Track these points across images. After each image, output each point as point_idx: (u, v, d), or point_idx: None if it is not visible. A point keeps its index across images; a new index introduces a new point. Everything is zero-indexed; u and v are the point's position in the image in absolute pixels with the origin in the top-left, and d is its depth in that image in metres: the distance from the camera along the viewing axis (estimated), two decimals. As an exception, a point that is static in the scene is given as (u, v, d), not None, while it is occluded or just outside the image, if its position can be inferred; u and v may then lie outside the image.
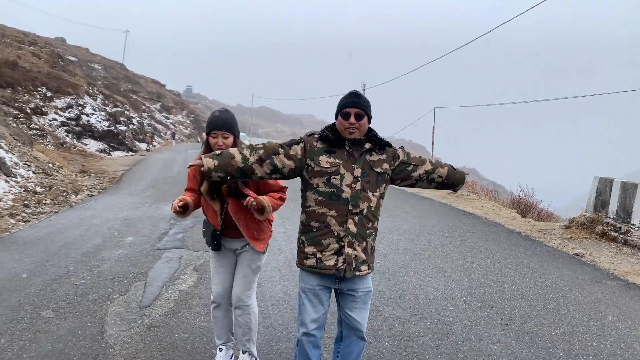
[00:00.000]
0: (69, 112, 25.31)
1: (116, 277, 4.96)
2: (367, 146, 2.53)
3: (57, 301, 4.25)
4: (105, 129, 26.57)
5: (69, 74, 30.36)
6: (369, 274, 2.60)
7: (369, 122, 2.58)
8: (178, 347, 3.44)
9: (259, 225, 2.93)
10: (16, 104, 22.01)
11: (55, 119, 24.24)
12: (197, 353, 3.36)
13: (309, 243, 2.53)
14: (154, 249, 6.20)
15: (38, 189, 10.65)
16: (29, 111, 22.57)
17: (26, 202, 9.35)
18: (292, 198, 3.05)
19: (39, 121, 22.73)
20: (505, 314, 4.27)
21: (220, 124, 2.80)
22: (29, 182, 10.84)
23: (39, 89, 24.95)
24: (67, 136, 23.96)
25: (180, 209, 2.79)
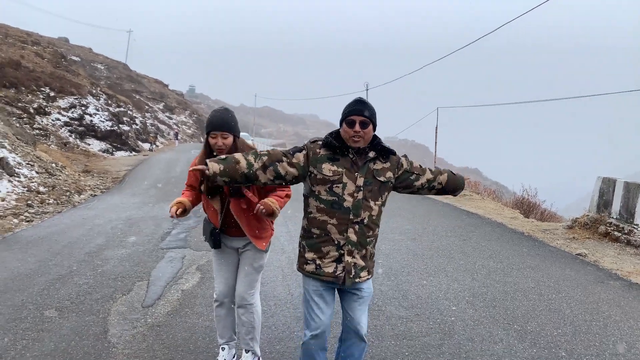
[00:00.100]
0: (72, 112, 25.38)
1: (119, 277, 4.97)
2: (371, 155, 2.51)
3: (60, 300, 4.27)
4: (108, 128, 26.63)
5: (72, 73, 30.44)
6: (369, 279, 2.61)
7: (374, 130, 2.55)
8: (181, 347, 3.45)
9: (260, 223, 2.94)
10: (19, 104, 22.10)
11: (59, 119, 24.31)
12: (199, 352, 3.37)
13: (309, 249, 2.54)
14: (156, 248, 6.21)
15: (41, 188, 10.68)
16: (32, 111, 22.65)
17: (29, 202, 9.39)
18: (294, 198, 3.05)
19: (42, 121, 22.81)
20: (507, 313, 4.26)
21: (220, 124, 2.80)
22: (32, 182, 10.88)
23: (42, 88, 25.03)
24: (70, 136, 24.03)
25: (179, 215, 2.84)
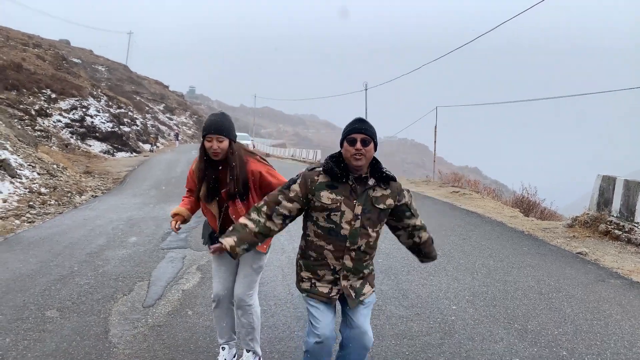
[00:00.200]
0: (73, 114, 25.43)
1: (120, 277, 4.99)
2: (371, 182, 2.50)
3: (62, 301, 4.28)
4: (109, 130, 26.68)
5: (73, 75, 30.49)
6: (373, 292, 2.61)
7: (375, 149, 2.53)
8: (181, 347, 3.46)
9: None
10: (21, 106, 22.14)
11: (60, 121, 24.36)
12: (200, 352, 3.38)
13: (305, 269, 2.56)
14: (157, 248, 6.22)
15: (43, 189, 10.71)
16: (33, 113, 22.69)
17: (31, 203, 9.41)
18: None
19: (43, 123, 22.85)
20: (508, 312, 4.26)
21: (215, 127, 2.79)
22: (34, 183, 10.90)
23: (43, 90, 25.08)
24: (72, 137, 24.08)
25: (180, 227, 2.99)
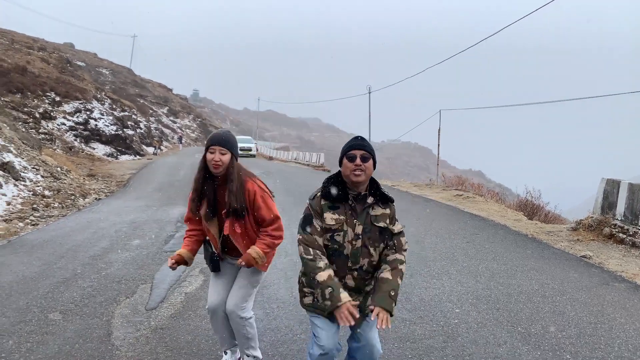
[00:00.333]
0: (77, 117, 25.56)
1: (123, 280, 4.99)
2: (370, 201, 2.51)
3: (65, 303, 4.29)
4: (113, 133, 26.79)
5: (77, 78, 30.65)
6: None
7: (374, 167, 2.54)
8: (184, 349, 3.46)
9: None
10: (25, 109, 22.27)
11: (64, 124, 24.49)
12: (202, 355, 3.38)
13: (308, 285, 2.56)
14: (160, 251, 6.23)
15: (46, 192, 10.75)
16: (37, 116, 22.82)
17: (35, 206, 9.45)
18: (298, 200, 3.06)
19: (47, 126, 22.97)
20: (511, 316, 4.24)
21: (219, 140, 2.82)
22: (38, 186, 10.95)
23: (47, 93, 25.22)
24: (75, 140, 24.19)
25: (176, 265, 2.93)
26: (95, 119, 26.34)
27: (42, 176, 11.88)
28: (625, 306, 4.61)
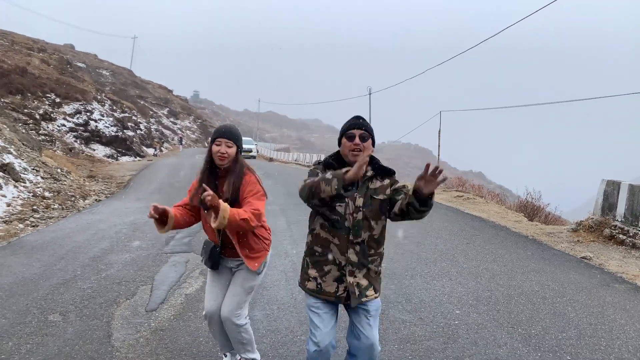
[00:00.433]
0: (77, 118, 25.57)
1: (123, 281, 4.99)
2: (369, 174, 2.50)
3: (64, 305, 4.29)
4: (113, 134, 26.80)
5: (77, 80, 30.68)
6: (376, 298, 2.57)
7: (373, 146, 2.55)
8: (184, 351, 3.45)
9: (253, 243, 2.93)
10: (25, 110, 22.29)
11: (64, 125, 24.50)
12: (202, 357, 3.38)
13: (311, 266, 2.54)
14: (160, 253, 6.23)
15: (46, 193, 10.75)
16: (38, 117, 22.84)
17: (35, 207, 9.45)
18: (298, 202, 3.05)
19: (47, 127, 22.99)
20: (511, 317, 4.24)
21: (227, 132, 2.85)
22: (38, 187, 10.96)
23: (47, 95, 25.24)
24: (76, 141, 24.20)
25: (157, 214, 2.71)
26: (95, 121, 26.35)
27: (42, 177, 11.88)
28: (625, 307, 4.60)
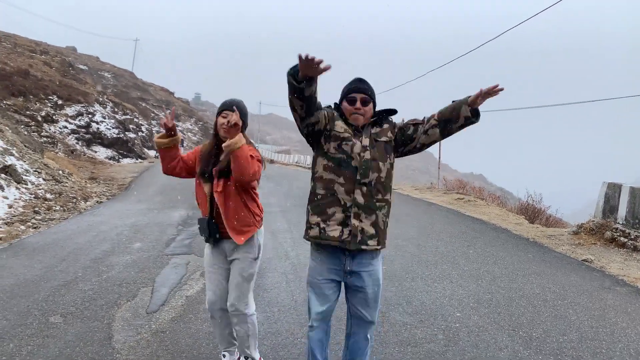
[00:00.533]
0: (79, 120, 25.64)
1: (124, 283, 5.00)
2: (372, 119, 2.56)
3: (65, 306, 4.29)
4: (115, 136, 26.86)
5: (79, 82, 30.77)
6: (378, 250, 2.52)
7: (374, 109, 2.57)
8: (184, 353, 3.46)
9: (242, 215, 2.89)
10: (27, 112, 22.36)
11: (66, 127, 24.56)
12: (203, 358, 3.38)
13: (313, 212, 2.49)
14: (161, 254, 6.24)
15: (48, 195, 10.77)
16: (40, 119, 22.90)
17: (36, 209, 9.46)
18: (299, 204, 3.06)
19: (49, 129, 23.05)
20: (512, 320, 4.23)
21: (232, 106, 2.85)
22: (39, 189, 10.98)
23: (50, 97, 25.32)
24: (77, 143, 24.25)
25: (169, 125, 2.87)
26: (97, 122, 26.41)
27: (44, 179, 11.90)
28: (626, 310, 4.60)
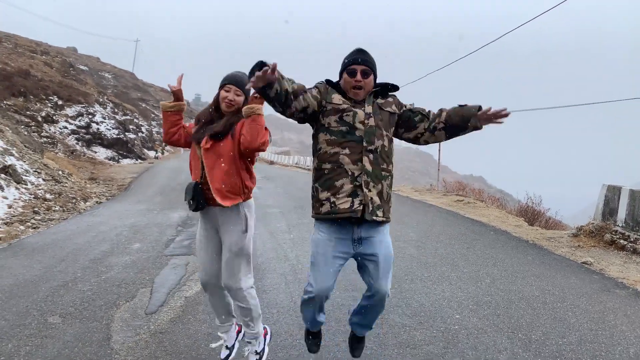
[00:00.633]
0: (79, 120, 25.65)
1: (123, 284, 4.99)
2: (375, 89, 2.53)
3: (64, 307, 4.29)
4: (115, 136, 26.86)
5: (79, 82, 30.79)
6: (386, 222, 2.51)
7: (375, 81, 2.53)
8: (183, 354, 3.45)
9: (231, 180, 2.80)
10: (28, 112, 22.36)
11: (66, 127, 24.57)
12: (202, 359, 3.37)
13: (322, 188, 2.44)
14: (160, 255, 6.23)
15: (48, 195, 10.77)
16: (40, 119, 22.91)
17: (36, 209, 9.46)
18: (299, 205, 3.06)
19: (49, 129, 23.06)
20: (512, 322, 4.23)
21: (237, 80, 2.79)
22: (39, 189, 10.97)
23: (50, 97, 25.33)
24: (77, 144, 24.26)
25: (177, 88, 2.95)
26: (97, 123, 26.42)
27: (44, 179, 11.90)
28: (626, 313, 4.59)
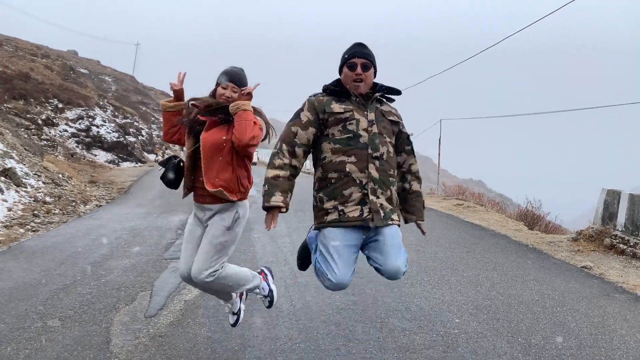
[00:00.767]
0: (79, 124, 25.68)
1: (122, 287, 4.99)
2: (377, 95, 2.50)
3: (64, 310, 4.29)
4: (115, 140, 26.88)
5: (80, 86, 30.84)
6: (399, 225, 2.53)
7: (375, 75, 2.51)
8: (183, 357, 3.44)
9: (226, 176, 2.71)
10: (28, 115, 22.39)
11: (66, 130, 24.60)
12: (201, 363, 3.37)
13: (327, 198, 2.40)
14: (160, 258, 6.23)
15: (47, 198, 10.77)
16: (40, 122, 22.93)
17: (35, 212, 9.46)
18: (299, 208, 3.07)
19: (49, 132, 23.08)
20: (511, 326, 4.23)
21: (235, 77, 2.75)
22: (39, 192, 10.97)
23: (50, 100, 25.36)
24: (77, 147, 24.27)
25: (178, 87, 2.84)
26: (97, 126, 26.45)
27: (44, 182, 11.91)
28: (626, 317, 4.59)
